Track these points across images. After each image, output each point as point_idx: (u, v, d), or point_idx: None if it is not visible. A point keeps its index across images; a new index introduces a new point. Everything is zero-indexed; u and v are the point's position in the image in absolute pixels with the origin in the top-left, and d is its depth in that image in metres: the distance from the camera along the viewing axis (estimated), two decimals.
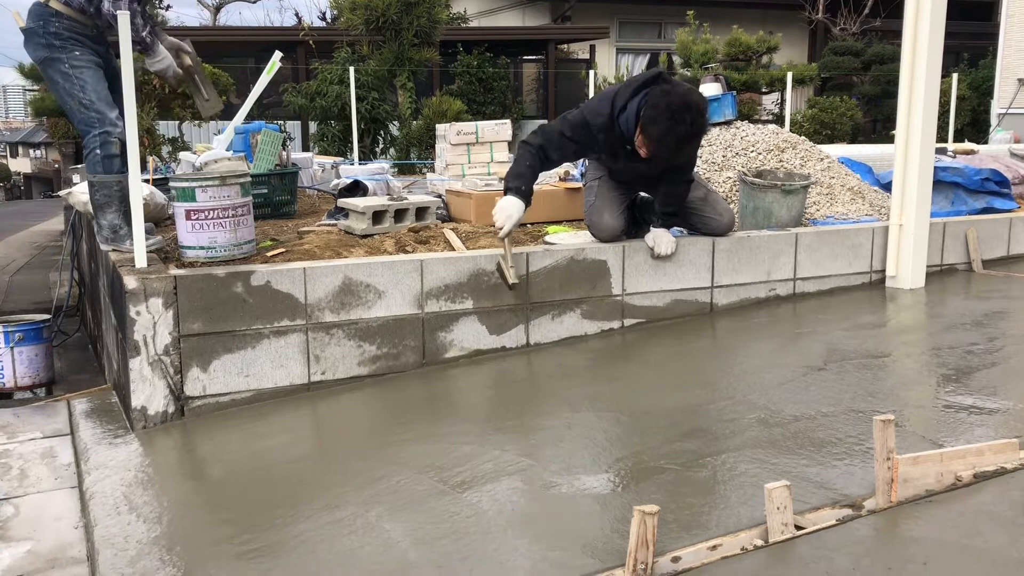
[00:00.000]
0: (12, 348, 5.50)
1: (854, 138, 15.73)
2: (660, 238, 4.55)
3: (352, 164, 8.26)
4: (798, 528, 2.45)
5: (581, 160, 6.36)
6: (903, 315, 4.90)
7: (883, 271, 5.32)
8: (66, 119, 15.92)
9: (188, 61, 4.45)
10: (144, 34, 4.15)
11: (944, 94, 8.51)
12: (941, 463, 2.63)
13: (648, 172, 4.35)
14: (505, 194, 4.18)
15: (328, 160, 7.99)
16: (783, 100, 15.07)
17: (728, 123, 6.12)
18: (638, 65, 20.85)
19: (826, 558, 2.30)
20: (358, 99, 11.81)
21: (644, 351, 4.40)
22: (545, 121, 18.76)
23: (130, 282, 3.71)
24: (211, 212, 3.98)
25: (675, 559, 2.36)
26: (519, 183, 4.16)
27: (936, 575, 2.21)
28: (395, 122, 13.79)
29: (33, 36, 4.13)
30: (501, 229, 4.13)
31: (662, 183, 4.46)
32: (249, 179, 4.25)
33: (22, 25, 4.21)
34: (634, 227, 4.72)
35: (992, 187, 6.13)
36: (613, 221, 4.54)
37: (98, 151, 4.15)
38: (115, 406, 4.20)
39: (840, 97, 16.47)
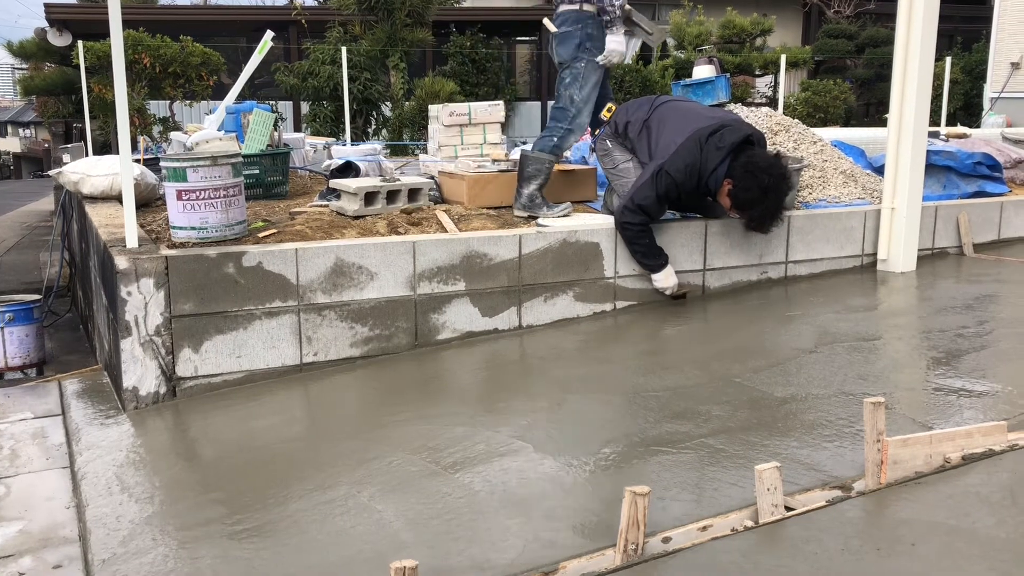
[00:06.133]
0: (3, 328, 5.47)
1: (847, 121, 15.74)
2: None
3: (344, 145, 8.22)
4: (788, 509, 2.46)
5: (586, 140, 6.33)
6: (894, 298, 4.92)
7: (875, 254, 5.33)
8: (56, 98, 15.85)
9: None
10: None
11: (937, 78, 8.52)
12: (930, 445, 2.64)
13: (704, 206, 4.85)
14: (660, 269, 4.62)
15: (320, 141, 7.96)
16: (776, 83, 15.06)
17: (721, 106, 6.11)
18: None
19: (816, 539, 2.31)
20: (350, 79, 11.76)
21: (635, 333, 4.41)
22: (537, 103, 18.70)
23: (121, 262, 3.70)
24: (202, 192, 3.96)
25: (666, 539, 2.37)
26: (662, 258, 4.62)
27: (925, 556, 2.23)
28: (387, 103, 13.73)
29: (570, 39, 4.78)
30: (676, 288, 4.67)
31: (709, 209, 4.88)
32: (241, 159, 4.22)
33: (555, 30, 4.85)
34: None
35: (984, 171, 6.14)
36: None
37: (555, 139, 4.77)
38: (106, 387, 4.19)
39: (833, 80, 16.46)
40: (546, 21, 4.98)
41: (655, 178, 4.41)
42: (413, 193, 4.83)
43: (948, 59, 12.24)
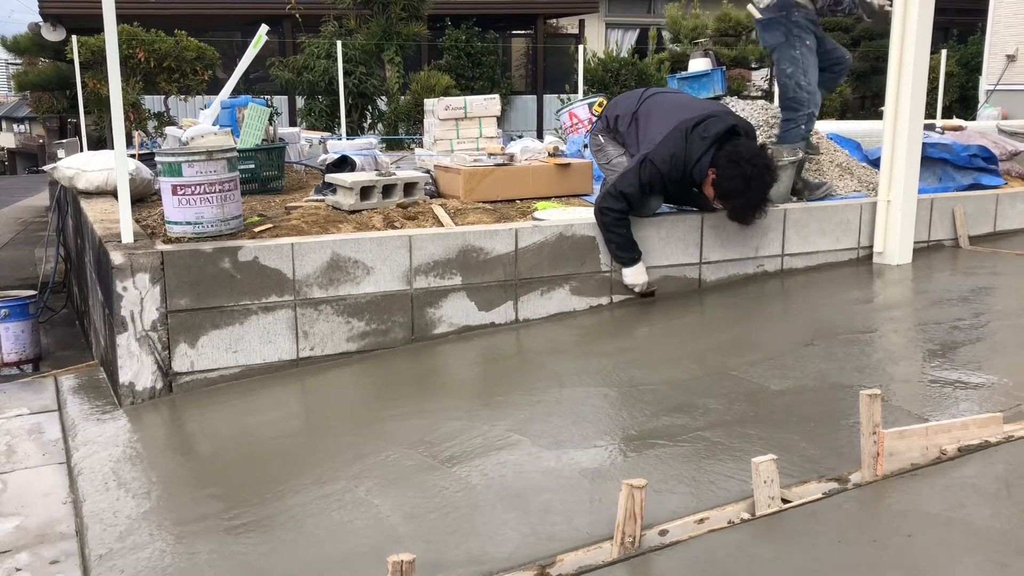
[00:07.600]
0: None
1: (843, 114, 15.74)
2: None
3: (340, 139, 8.21)
4: (784, 501, 2.46)
5: (582, 133, 6.32)
6: (890, 291, 4.92)
7: (871, 247, 5.33)
8: (50, 94, 15.80)
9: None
10: None
11: (933, 70, 8.52)
12: (926, 437, 2.65)
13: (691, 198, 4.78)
14: (632, 264, 4.55)
15: (316, 135, 7.94)
16: (772, 76, 15.05)
17: (717, 99, 6.11)
18: (627, 40, 20.75)
19: (812, 531, 2.32)
20: (345, 73, 11.73)
21: (632, 327, 4.41)
22: (532, 96, 18.66)
23: (117, 257, 3.69)
24: (198, 187, 3.96)
25: (663, 532, 2.38)
26: (636, 252, 4.55)
27: (921, 547, 2.23)
28: (383, 97, 13.70)
29: (775, 25, 5.01)
30: (645, 286, 4.59)
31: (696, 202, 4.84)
32: (236, 154, 4.22)
33: (759, 16, 5.00)
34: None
35: (980, 163, 6.15)
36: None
37: (803, 127, 5.10)
38: (102, 382, 4.19)
39: None
40: (750, 7, 5.18)
41: (640, 167, 4.41)
42: (409, 187, 4.83)
43: (944, 52, 12.24)
